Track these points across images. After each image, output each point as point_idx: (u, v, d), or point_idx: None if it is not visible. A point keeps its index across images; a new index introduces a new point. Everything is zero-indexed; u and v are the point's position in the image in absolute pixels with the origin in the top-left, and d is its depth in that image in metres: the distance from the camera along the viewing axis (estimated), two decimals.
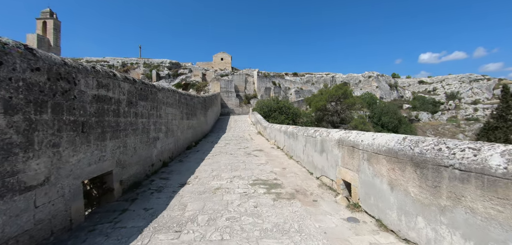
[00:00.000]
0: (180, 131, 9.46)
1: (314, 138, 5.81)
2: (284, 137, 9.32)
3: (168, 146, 7.72)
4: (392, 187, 3.00)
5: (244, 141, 13.36)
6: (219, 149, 10.64)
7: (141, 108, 5.59)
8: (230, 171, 6.44)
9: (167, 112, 7.74)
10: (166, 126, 7.53)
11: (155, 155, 6.52)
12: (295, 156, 7.66)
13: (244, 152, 9.56)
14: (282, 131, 9.86)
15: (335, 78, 61.98)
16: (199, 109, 14.75)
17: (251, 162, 7.65)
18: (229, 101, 39.64)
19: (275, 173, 6.22)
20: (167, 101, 7.77)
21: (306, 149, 6.45)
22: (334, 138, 4.68)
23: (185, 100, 10.51)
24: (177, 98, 9.09)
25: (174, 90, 8.64)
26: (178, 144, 9.14)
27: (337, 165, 4.55)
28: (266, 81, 46.88)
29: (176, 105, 8.85)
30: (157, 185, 5.24)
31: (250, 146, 11.30)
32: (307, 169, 6.42)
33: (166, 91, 7.68)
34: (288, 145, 8.74)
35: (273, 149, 10.24)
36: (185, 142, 10.42)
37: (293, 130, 8.08)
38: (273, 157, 8.42)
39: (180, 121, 9.44)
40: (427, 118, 57.97)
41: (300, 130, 7.19)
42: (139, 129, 5.47)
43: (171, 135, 8.10)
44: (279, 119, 23.62)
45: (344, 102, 25.60)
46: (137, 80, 5.47)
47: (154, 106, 6.45)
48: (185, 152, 9.85)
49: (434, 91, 69.15)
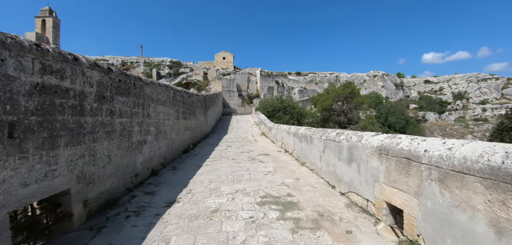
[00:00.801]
0: (175, 132, 8.31)
1: (338, 143, 4.61)
2: (294, 140, 8.12)
3: (159, 150, 6.56)
4: (499, 232, 1.80)
5: (247, 143, 12.18)
6: (219, 152, 9.47)
7: (119, 105, 4.43)
8: (231, 182, 5.25)
9: (158, 111, 6.58)
10: (156, 127, 6.38)
11: (141, 162, 5.36)
12: (309, 163, 6.47)
13: (248, 157, 8.38)
14: (291, 133, 8.66)
15: (339, 78, 60.68)
16: (199, 108, 13.60)
17: (257, 169, 6.47)
18: (231, 100, 38.49)
19: (287, 185, 5.03)
20: (158, 98, 6.61)
21: (325, 156, 5.25)
22: (371, 144, 3.48)
23: (182, 98, 9.35)
24: (172, 95, 7.93)
25: (167, 86, 7.48)
26: (173, 147, 7.99)
27: (376, 181, 3.35)
28: (269, 80, 45.67)
29: (170, 103, 7.69)
30: (137, 204, 4.07)
31: (254, 150, 10.11)
32: (326, 180, 5.22)
33: (157, 86, 6.52)
34: (299, 149, 7.55)
35: (281, 153, 9.05)
36: (182, 145, 9.27)
37: (305, 132, 6.88)
38: (281, 164, 7.23)
39: (175, 121, 8.28)
40: (434, 118, 56.62)
41: (316, 132, 5.99)
42: (117, 132, 4.31)
43: (163, 137, 6.94)
44: (284, 119, 22.42)
45: (352, 102, 24.33)
46: (113, 69, 4.31)
47: (139, 103, 5.29)
48: (181, 156, 8.68)
49: (441, 91, 67.69)
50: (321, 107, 24.89)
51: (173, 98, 8.13)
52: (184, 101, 9.76)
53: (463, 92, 62.24)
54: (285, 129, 9.67)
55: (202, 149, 10.37)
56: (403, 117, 42.51)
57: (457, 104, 59.39)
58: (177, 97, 8.58)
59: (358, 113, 26.57)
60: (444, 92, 65.78)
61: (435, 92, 66.87)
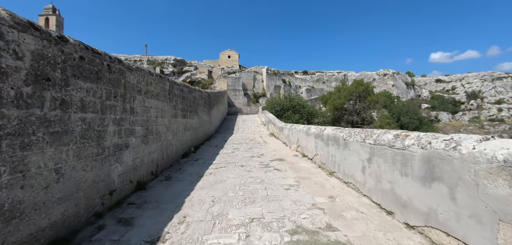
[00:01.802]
0: (172, 133, 6.90)
1: (400, 149, 3.12)
2: (316, 142, 6.62)
3: (148, 157, 5.15)
4: None
5: (256, 146, 10.72)
6: (225, 157, 8.03)
7: (81, 94, 3.02)
8: (242, 203, 3.80)
9: (148, 106, 5.18)
10: (144, 127, 4.97)
11: (120, 174, 3.95)
12: (342, 174, 4.97)
13: (260, 163, 6.91)
14: (311, 134, 7.16)
15: (347, 77, 58.83)
16: (202, 106, 12.21)
17: (274, 181, 5.01)
18: (236, 99, 37.09)
19: (322, 208, 3.56)
20: (149, 89, 5.21)
21: (373, 168, 3.76)
22: (490, 156, 2.00)
23: (181, 93, 7.94)
24: (167, 88, 6.53)
25: (161, 76, 6.07)
26: (169, 151, 6.58)
27: (502, 221, 1.88)
28: (276, 79, 44.12)
29: (165, 97, 6.29)
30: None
31: (266, 153, 8.64)
32: (374, 201, 3.73)
33: (146, 75, 5.11)
34: (323, 155, 6.05)
35: (298, 158, 7.57)
36: (181, 147, 7.86)
37: (335, 133, 5.37)
38: (303, 173, 5.75)
39: (171, 120, 6.87)
40: (447, 118, 54.47)
41: (354, 134, 4.48)
42: (75, 133, 2.91)
43: (155, 139, 5.53)
44: (293, 119, 20.90)
45: (366, 100, 22.66)
46: (71, 39, 2.91)
47: (117, 93, 3.88)
48: (179, 162, 7.26)
49: (453, 90, 65.35)
50: (332, 106, 23.26)
51: (170, 91, 6.72)
52: (184, 96, 8.36)
53: (477, 91, 59.83)
54: (303, 130, 8.16)
55: (205, 153, 8.95)
56: (417, 117, 40.48)
57: (471, 104, 57.09)
58: (174, 91, 7.17)
59: (371, 113, 24.89)
60: (457, 91, 63.46)
61: (447, 92, 64.61)
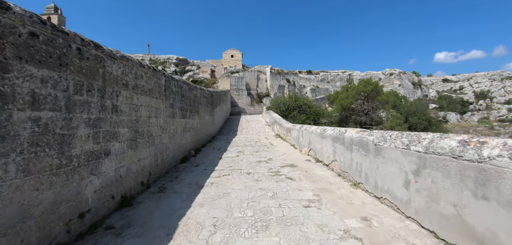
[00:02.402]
0: (169, 135, 6.04)
1: (476, 163, 2.21)
2: (335, 147, 5.70)
3: (138, 164, 4.28)
4: None
5: (262, 148, 9.83)
6: (229, 162, 7.15)
7: (31, 84, 2.16)
8: (253, 229, 2.91)
9: (137, 104, 4.32)
10: (132, 129, 4.11)
11: (97, 189, 3.09)
12: (373, 187, 4.05)
13: (269, 170, 6.02)
14: (327, 137, 6.23)
15: (352, 76, 57.70)
16: (204, 106, 11.36)
17: (288, 195, 4.12)
18: (239, 99, 36.22)
19: (360, 239, 2.66)
20: (138, 84, 4.35)
21: (423, 183, 2.84)
22: None
23: (179, 89, 7.09)
24: (163, 84, 5.66)
25: (155, 69, 5.20)
26: (164, 156, 5.72)
27: None
28: (280, 79, 43.19)
29: (160, 94, 5.43)
30: None
31: (274, 157, 7.75)
32: (425, 226, 2.82)
33: (135, 66, 4.25)
34: (345, 162, 5.13)
35: (311, 164, 6.67)
36: (179, 151, 7.00)
37: (362, 137, 4.45)
38: (322, 183, 4.85)
39: (168, 120, 6.02)
40: (455, 119, 53.18)
41: (391, 139, 3.56)
42: (20, 139, 2.05)
43: (146, 143, 4.67)
44: (299, 119, 19.96)
45: (375, 100, 21.63)
46: (13, 6, 2.06)
47: (91, 86, 3.02)
48: (177, 168, 6.39)
49: (461, 90, 63.95)
50: (340, 106, 22.27)
51: (166, 87, 5.86)
52: (183, 94, 7.50)
53: (486, 91, 58.36)
54: (316, 132, 7.24)
55: (207, 156, 8.08)
56: (425, 118, 39.25)
57: (480, 104, 55.70)
58: (171, 87, 6.30)
59: (380, 113, 23.85)
60: (465, 91, 62.08)
61: (455, 92, 63.24)
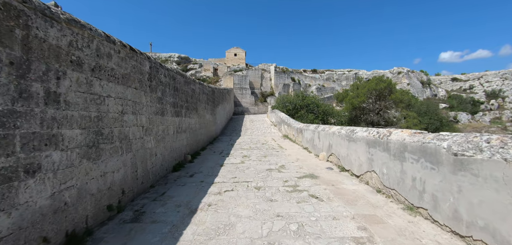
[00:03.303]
0: (155, 138, 4.71)
1: None
2: (371, 153, 4.30)
3: (101, 181, 2.95)
4: None
5: (271, 152, 8.45)
6: (232, 170, 5.79)
7: None
8: None
9: (102, 94, 2.99)
10: (92, 130, 2.78)
11: (4, 235, 1.78)
12: (453, 220, 2.64)
13: (284, 183, 4.65)
14: (358, 141, 4.83)
15: (358, 75, 56.02)
16: (203, 103, 10.04)
17: (321, 228, 2.75)
18: (243, 98, 34.88)
19: None
20: (103, 65, 3.03)
21: None
22: None
23: (172, 81, 5.75)
24: (147, 71, 4.33)
25: (133, 49, 3.88)
26: (149, 165, 4.39)
27: None
28: (284, 77, 41.78)
29: (141, 83, 4.10)
30: None
31: (287, 163, 6.37)
32: None
33: (96, 38, 2.93)
34: (391, 176, 3.74)
35: (334, 173, 5.29)
36: (172, 156, 5.67)
37: (426, 142, 3.03)
38: (360, 205, 3.48)
39: (155, 118, 4.69)
40: (466, 119, 51.25)
41: (497, 146, 2.19)
42: None
43: (117, 150, 3.34)
44: (307, 119, 18.57)
45: (390, 98, 20.14)
46: None
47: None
48: (166, 178, 5.06)
49: (471, 89, 61.93)
50: (350, 105, 20.82)
51: (151, 76, 4.53)
52: (177, 87, 6.17)
53: (497, 90, 56.28)
54: (341, 133, 5.81)
55: (206, 162, 6.74)
56: (437, 117, 37.56)
57: (491, 104, 53.66)
58: (160, 77, 4.97)
59: (393, 112, 22.32)
60: (475, 90, 60.06)
61: (465, 91, 61.27)
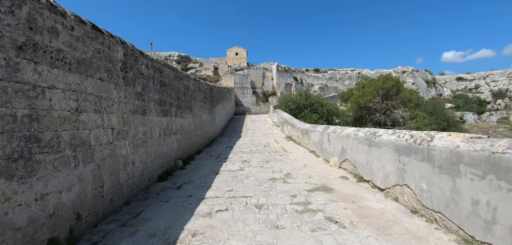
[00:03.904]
0: (133, 143, 3.80)
1: None
2: (402, 162, 3.34)
3: (34, 209, 2.02)
4: None
5: (274, 156, 7.53)
6: (228, 179, 4.88)
7: None
8: None
9: (36, 82, 2.10)
10: (17, 136, 1.90)
11: None
12: None
13: (291, 198, 3.72)
14: (382, 145, 3.88)
15: (361, 74, 54.98)
16: (200, 102, 9.14)
17: None
18: (244, 98, 33.98)
19: None
20: (37, 42, 2.15)
21: None
22: None
23: (156, 73, 4.86)
24: (121, 59, 3.43)
25: (95, 27, 3.00)
26: (123, 177, 3.48)
27: None
28: (287, 76, 40.84)
29: (110, 73, 3.20)
30: None
31: (293, 171, 5.45)
32: None
33: (27, 3, 2.05)
34: (438, 195, 2.79)
35: (351, 184, 4.37)
36: (157, 163, 4.77)
37: (509, 152, 2.14)
38: (395, 234, 2.57)
39: (132, 118, 3.79)
40: (473, 119, 50.05)
41: None
42: None
43: (66, 161, 2.43)
44: (311, 119, 17.65)
45: (398, 97, 19.17)
46: None
47: None
48: (148, 191, 4.15)
49: (476, 89, 60.72)
50: (356, 104, 19.86)
51: (127, 65, 3.64)
52: (164, 81, 5.27)
53: (504, 90, 55.03)
54: (359, 136, 4.86)
55: (199, 169, 5.84)
56: (444, 117, 36.48)
57: (498, 104, 52.42)
58: (140, 68, 4.07)
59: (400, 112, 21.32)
60: (481, 90, 58.84)
61: (470, 90, 60.08)
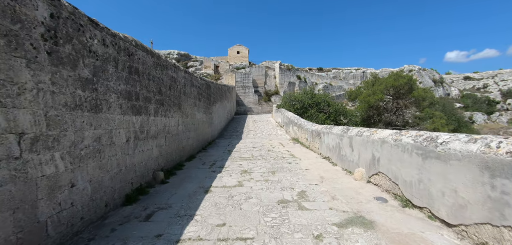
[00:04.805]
0: (69, 154, 2.46)
1: None
2: (511, 191, 2.03)
3: None
4: None
5: (281, 164, 6.16)
6: (221, 203, 3.53)
7: None
8: None
9: None
10: None
11: None
12: None
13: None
14: (462, 161, 2.49)
15: (366, 73, 53.46)
16: (192, 99, 7.81)
17: None
18: (246, 97, 32.62)
19: None
20: None
21: None
22: None
23: (123, 56, 3.53)
24: (42, 20, 2.13)
25: None
26: (48, 209, 2.14)
27: None
28: (290, 75, 39.44)
29: (19, 41, 1.91)
30: None
31: (309, 189, 4.10)
32: None
33: None
34: None
35: (397, 213, 3.01)
36: (123, 178, 3.45)
37: None
38: None
39: (67, 115, 2.47)
40: (482, 119, 48.36)
41: None
42: None
43: None
44: (318, 119, 16.30)
45: (411, 96, 17.79)
46: None
47: None
48: (102, 223, 2.81)
49: (485, 88, 58.99)
50: (366, 103, 18.48)
51: (58, 35, 2.32)
52: (136, 68, 3.95)
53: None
54: (404, 143, 3.42)
55: (184, 185, 4.50)
56: (454, 118, 34.95)
57: (508, 103, 50.67)
58: (88, 43, 2.74)
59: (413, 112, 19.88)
60: (490, 89, 57.13)
61: (478, 90, 58.36)
